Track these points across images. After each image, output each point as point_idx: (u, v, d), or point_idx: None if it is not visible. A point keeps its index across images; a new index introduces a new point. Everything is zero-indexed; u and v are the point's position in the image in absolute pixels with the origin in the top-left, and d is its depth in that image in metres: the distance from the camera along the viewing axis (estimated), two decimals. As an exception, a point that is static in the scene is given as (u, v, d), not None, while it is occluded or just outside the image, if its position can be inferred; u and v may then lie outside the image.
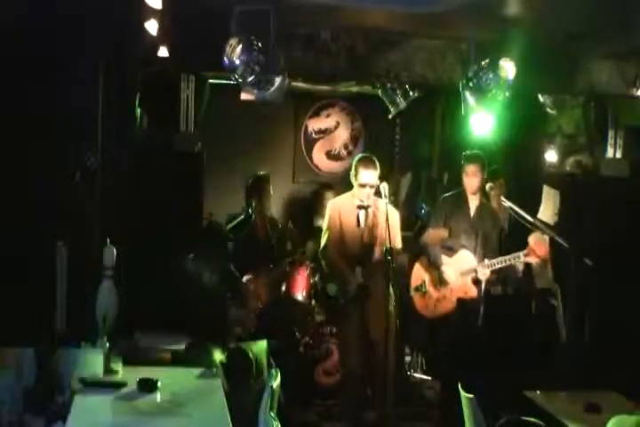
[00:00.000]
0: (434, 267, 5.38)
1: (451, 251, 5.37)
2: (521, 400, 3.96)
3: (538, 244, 5.20)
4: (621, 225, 5.42)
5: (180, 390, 3.59)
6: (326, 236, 5.21)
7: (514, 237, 5.38)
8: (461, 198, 5.48)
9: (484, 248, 5.36)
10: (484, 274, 5.24)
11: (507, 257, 5.22)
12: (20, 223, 4.37)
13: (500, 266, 5.24)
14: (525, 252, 5.18)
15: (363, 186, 5.04)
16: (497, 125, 5.05)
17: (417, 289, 5.45)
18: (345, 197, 5.26)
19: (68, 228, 4.44)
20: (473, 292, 5.31)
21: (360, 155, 5.29)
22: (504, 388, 4.72)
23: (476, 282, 5.31)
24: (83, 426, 3.14)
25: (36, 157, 4.43)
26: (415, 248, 5.45)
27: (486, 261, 5.25)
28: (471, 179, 5.38)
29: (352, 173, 5.14)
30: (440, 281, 5.34)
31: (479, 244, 5.36)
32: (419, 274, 5.49)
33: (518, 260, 5.23)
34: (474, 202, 5.45)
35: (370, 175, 5.02)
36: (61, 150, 4.47)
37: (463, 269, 5.30)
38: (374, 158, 5.12)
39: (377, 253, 5.06)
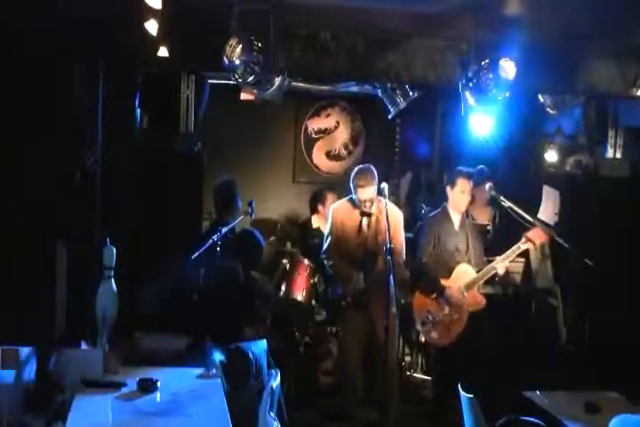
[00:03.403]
0: (435, 292, 5.25)
1: (447, 272, 5.28)
2: (521, 400, 3.95)
3: (534, 231, 5.18)
4: (621, 225, 5.42)
5: (180, 390, 3.59)
6: (329, 239, 5.22)
7: (509, 237, 5.36)
8: (445, 217, 5.39)
9: (476, 257, 5.34)
10: (502, 267, 5.20)
11: (509, 251, 5.20)
12: (21, 223, 4.37)
13: (513, 256, 5.22)
14: (523, 240, 5.17)
15: (362, 201, 5.07)
16: (497, 125, 5.05)
17: (424, 323, 5.27)
18: (345, 203, 5.26)
19: (68, 228, 4.45)
20: (483, 300, 5.25)
21: (358, 167, 5.24)
22: (504, 388, 4.73)
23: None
24: (83, 426, 3.14)
25: (36, 157, 4.43)
26: (416, 269, 5.36)
27: (497, 258, 5.22)
28: (464, 195, 5.31)
29: (351, 184, 5.14)
30: (447, 304, 5.21)
31: (472, 256, 5.33)
32: (422, 305, 5.31)
33: (519, 250, 5.20)
34: (456, 217, 5.38)
35: (368, 192, 5.04)
36: (61, 150, 4.47)
37: (466, 282, 5.23)
38: (372, 170, 5.11)
39: (380, 261, 5.05)
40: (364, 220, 5.12)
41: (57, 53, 4.39)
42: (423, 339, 6.00)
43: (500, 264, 5.20)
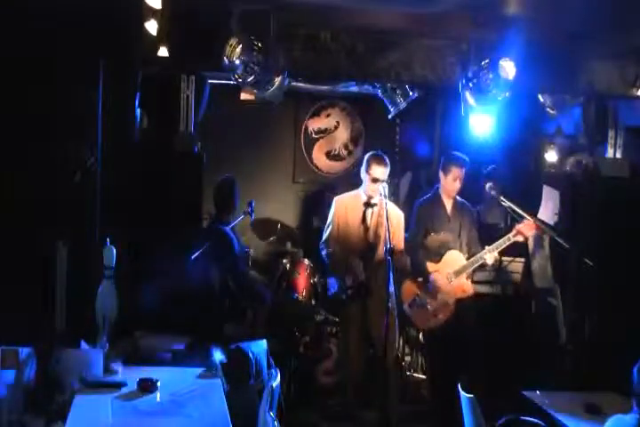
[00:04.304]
0: (420, 276, 5.29)
1: (438, 256, 5.30)
2: (521, 400, 3.95)
3: (525, 224, 5.19)
4: (621, 225, 5.41)
5: (180, 390, 3.59)
6: (329, 229, 5.21)
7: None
8: (437, 201, 5.42)
9: (469, 243, 5.36)
10: (492, 257, 5.21)
11: (500, 241, 5.20)
12: (20, 223, 4.37)
13: (503, 246, 5.21)
14: (513, 233, 5.18)
15: (374, 181, 5.05)
16: (497, 125, 5.05)
17: (411, 305, 5.30)
18: (351, 195, 5.25)
19: (67, 228, 4.45)
20: (470, 289, 5.28)
21: (372, 152, 5.26)
22: (504, 388, 4.73)
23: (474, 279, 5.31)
24: (83, 426, 3.14)
25: (36, 157, 4.43)
26: (411, 250, 5.38)
27: (487, 247, 5.22)
28: (455, 183, 5.33)
29: (363, 168, 5.14)
30: (433, 289, 5.25)
31: (464, 241, 5.35)
32: (410, 288, 5.34)
33: (509, 241, 5.20)
34: (449, 202, 5.41)
35: (382, 171, 5.04)
36: (61, 150, 4.47)
37: (455, 269, 5.25)
38: (386, 157, 5.14)
39: (380, 251, 5.06)
40: (368, 210, 5.13)
41: (57, 53, 4.39)
42: (422, 337, 6.02)
43: (489, 255, 5.21)
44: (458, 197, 5.46)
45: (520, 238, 5.23)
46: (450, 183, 5.35)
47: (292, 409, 4.98)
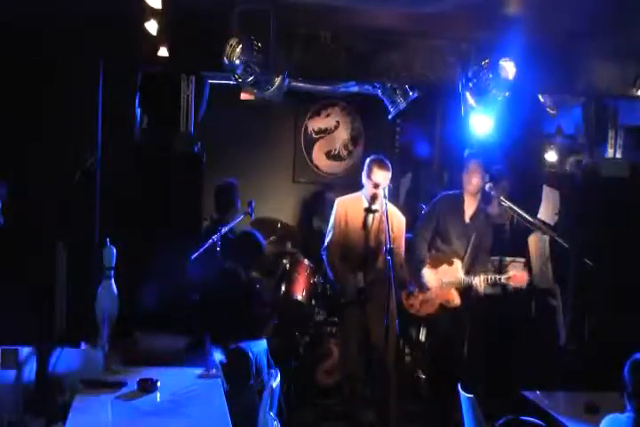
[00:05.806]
0: (415, 272, 5.31)
1: (440, 261, 5.30)
2: (521, 400, 3.96)
3: (519, 273, 5.19)
4: (621, 225, 5.42)
5: (179, 390, 3.60)
6: (331, 234, 5.19)
7: (515, 238, 5.36)
8: (459, 200, 5.38)
9: (476, 254, 5.30)
10: (480, 286, 5.17)
11: (489, 276, 5.16)
12: (21, 223, 4.37)
13: (491, 281, 5.18)
14: (506, 276, 5.15)
15: (375, 186, 5.02)
16: (497, 125, 5.04)
17: (406, 288, 5.35)
18: (352, 198, 5.23)
19: (67, 228, 4.45)
20: (456, 301, 5.22)
21: (374, 156, 5.22)
22: (504, 388, 4.73)
23: (464, 291, 5.26)
24: (83, 426, 3.14)
25: (36, 157, 4.43)
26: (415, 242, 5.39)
27: (477, 278, 5.16)
28: (473, 177, 5.27)
29: (364, 173, 5.11)
30: (424, 284, 5.26)
31: (471, 249, 5.29)
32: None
33: (499, 281, 5.17)
34: (471, 206, 5.35)
35: (384, 176, 5.02)
36: (61, 150, 4.47)
37: (447, 280, 5.22)
38: (387, 161, 5.11)
39: (381, 259, 5.02)
40: (370, 216, 5.11)
41: (57, 53, 4.39)
42: (422, 337, 6.03)
43: (479, 283, 5.15)
44: (482, 208, 5.40)
45: (509, 283, 5.21)
46: (468, 180, 5.30)
47: (292, 409, 4.98)
